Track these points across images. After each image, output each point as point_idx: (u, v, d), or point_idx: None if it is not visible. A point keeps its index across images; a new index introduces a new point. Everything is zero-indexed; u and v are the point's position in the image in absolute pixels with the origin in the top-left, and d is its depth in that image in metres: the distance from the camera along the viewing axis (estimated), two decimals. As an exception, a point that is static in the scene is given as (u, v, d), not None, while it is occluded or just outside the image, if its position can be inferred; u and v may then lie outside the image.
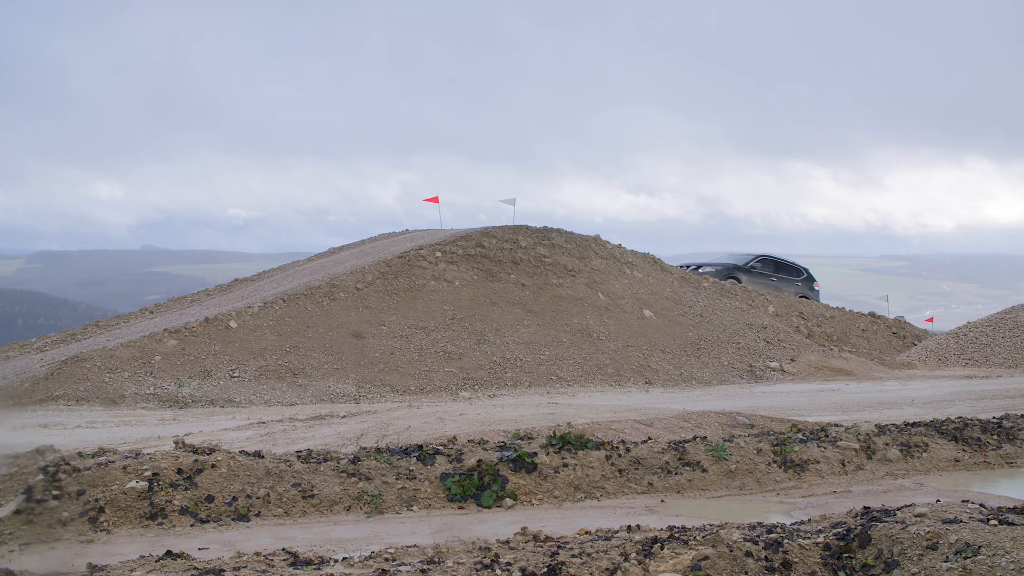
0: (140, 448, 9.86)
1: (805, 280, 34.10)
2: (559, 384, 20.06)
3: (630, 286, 25.20)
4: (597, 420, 11.70)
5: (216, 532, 7.72)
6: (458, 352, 20.87)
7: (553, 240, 25.73)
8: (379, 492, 8.52)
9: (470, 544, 6.67)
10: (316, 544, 7.25)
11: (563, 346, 21.79)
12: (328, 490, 8.45)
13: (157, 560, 6.47)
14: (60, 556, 7.03)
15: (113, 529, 7.71)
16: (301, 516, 8.18)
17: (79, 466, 8.28)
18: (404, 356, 20.51)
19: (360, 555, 6.63)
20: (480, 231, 25.81)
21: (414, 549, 6.64)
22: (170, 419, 15.60)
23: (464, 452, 9.19)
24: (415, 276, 23.48)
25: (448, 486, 8.71)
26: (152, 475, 8.18)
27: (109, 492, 7.99)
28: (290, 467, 8.64)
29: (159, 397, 17.72)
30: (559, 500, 8.83)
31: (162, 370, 19.05)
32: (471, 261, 24.28)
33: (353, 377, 19.46)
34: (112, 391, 17.77)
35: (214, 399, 17.80)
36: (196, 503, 8.07)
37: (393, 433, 11.05)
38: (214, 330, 20.73)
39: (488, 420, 11.93)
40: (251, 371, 19.33)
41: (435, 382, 19.60)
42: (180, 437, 9.89)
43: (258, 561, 6.37)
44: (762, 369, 22.56)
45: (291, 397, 18.29)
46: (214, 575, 5.92)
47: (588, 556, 5.95)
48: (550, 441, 9.59)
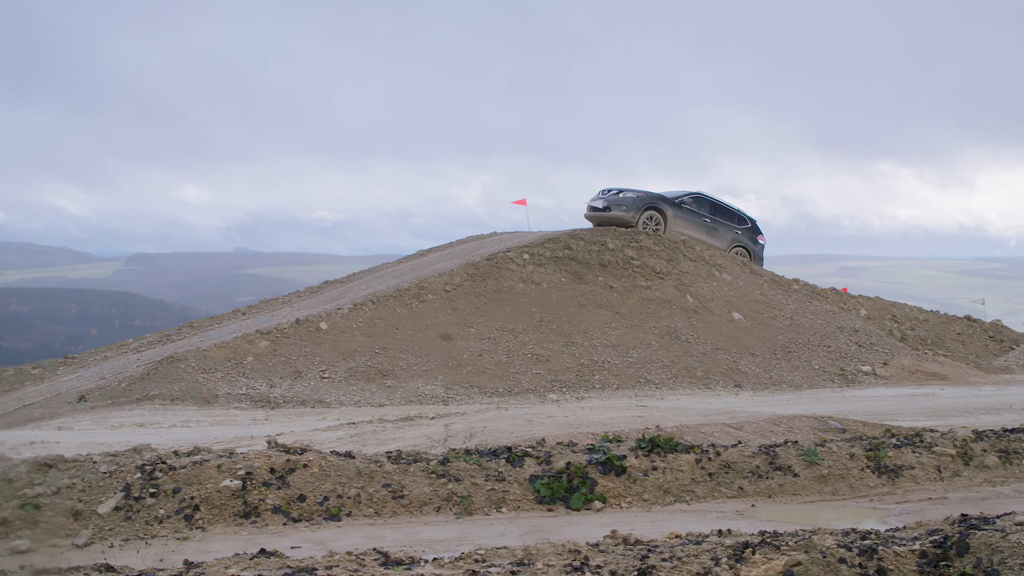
0: (234, 447, 9.99)
1: (748, 230, 29.75)
2: (647, 387, 19.96)
3: (719, 288, 25.00)
4: (686, 423, 11.62)
5: (308, 531, 7.80)
6: (546, 354, 20.87)
7: (641, 242, 25.61)
8: (468, 493, 8.55)
9: (559, 546, 6.67)
10: (406, 544, 7.29)
11: (651, 348, 21.68)
12: (418, 491, 8.49)
13: (251, 558, 6.56)
14: (157, 552, 7.16)
15: (208, 527, 7.83)
16: (391, 516, 8.23)
17: (175, 464, 8.43)
18: (492, 358, 20.56)
19: (450, 556, 6.66)
20: (568, 233, 25.78)
21: (503, 551, 6.65)
22: (262, 419, 15.80)
23: (553, 454, 9.19)
24: (503, 278, 23.52)
25: (537, 488, 8.71)
26: (246, 474, 8.29)
27: (204, 490, 8.12)
28: (380, 467, 8.70)
29: (251, 397, 17.96)
30: (648, 503, 8.79)
31: (254, 371, 19.32)
32: (559, 263, 24.27)
33: (441, 379, 19.55)
34: (206, 391, 18.05)
35: (305, 400, 18.00)
36: (288, 502, 8.16)
37: (482, 435, 11.08)
38: (305, 331, 20.96)
39: (576, 422, 11.91)
40: (341, 372, 19.51)
41: (523, 384, 19.61)
42: (272, 437, 10.02)
43: (350, 560, 6.43)
44: (854, 373, 22.22)
45: (380, 398, 18.43)
46: (307, 573, 5.99)
47: (678, 560, 5.92)
48: (639, 444, 9.55)
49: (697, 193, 28.98)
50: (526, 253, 24.46)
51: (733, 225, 29.27)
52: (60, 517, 7.79)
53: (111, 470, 8.38)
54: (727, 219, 29.25)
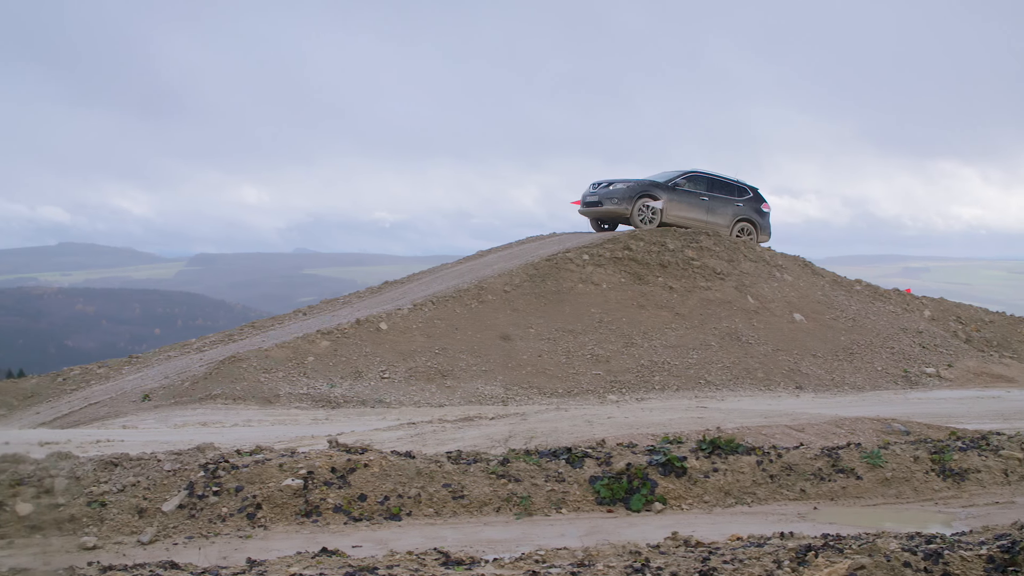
0: (295, 447, 10.07)
1: (749, 201, 28.59)
2: (707, 388, 19.86)
3: (780, 289, 24.82)
4: (747, 425, 11.55)
5: (369, 530, 7.84)
6: (605, 355, 20.84)
7: (701, 243, 25.50)
8: (528, 494, 8.55)
9: (620, 547, 6.65)
10: (466, 544, 7.31)
11: (711, 350, 21.57)
12: (478, 491, 8.51)
13: (313, 557, 6.61)
14: (220, 550, 7.23)
15: (270, 525, 7.89)
16: (451, 516, 8.25)
17: (237, 463, 8.50)
18: (551, 359, 20.56)
19: (510, 556, 6.66)
20: (627, 234, 25.72)
21: (564, 551, 6.64)
22: (323, 419, 15.90)
23: (613, 455, 9.17)
24: (562, 279, 23.52)
25: (597, 489, 8.70)
26: (307, 473, 8.35)
27: (266, 489, 8.18)
28: (440, 468, 8.73)
29: (312, 397, 18.09)
30: (709, 505, 8.74)
31: (315, 370, 19.45)
32: (618, 264, 24.22)
33: (501, 379, 19.58)
34: (267, 390, 18.21)
35: (365, 399, 18.10)
36: (349, 501, 8.21)
37: (541, 435, 11.07)
38: (365, 332, 21.08)
39: (636, 423, 11.87)
40: (401, 372, 19.60)
41: (582, 385, 19.60)
42: (333, 436, 10.07)
43: (410, 560, 6.45)
44: (917, 375, 21.97)
45: (440, 398, 18.49)
46: (368, 572, 6.02)
47: (740, 562, 5.88)
48: (700, 445, 9.50)
49: (691, 171, 27.98)
50: (586, 254, 24.43)
51: (733, 199, 28.26)
52: (125, 514, 7.88)
53: (175, 468, 8.47)
54: (726, 193, 28.24)
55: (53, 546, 7.45)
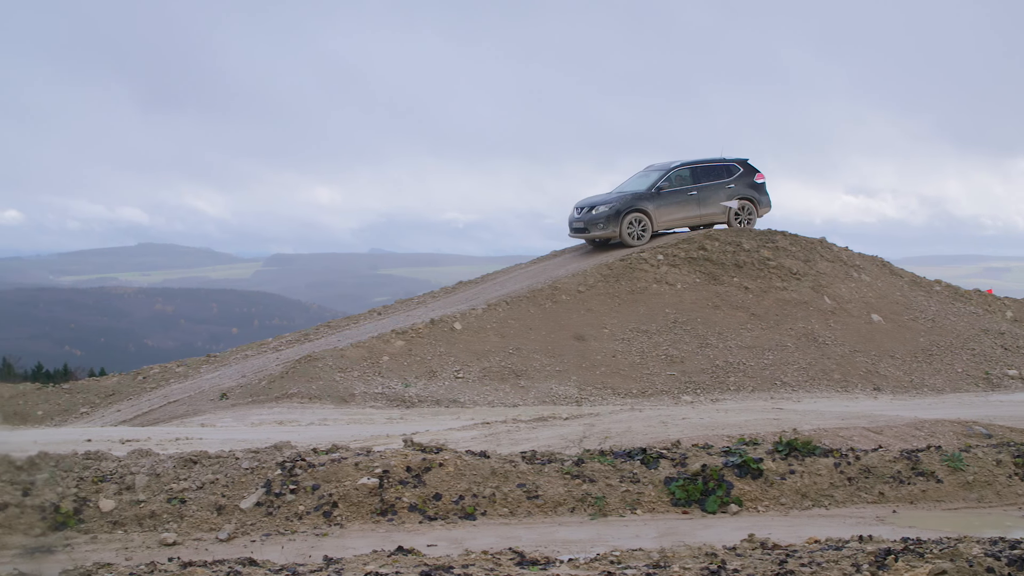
0: (370, 446, 10.14)
1: (741, 177, 26.69)
2: (783, 389, 19.68)
3: (857, 290, 24.50)
4: (824, 426, 11.42)
5: (444, 529, 7.87)
6: (680, 355, 20.73)
7: (777, 243, 25.25)
8: (603, 494, 8.53)
9: (695, 549, 6.61)
10: (541, 544, 7.31)
11: (787, 350, 21.36)
12: (552, 491, 8.50)
13: (389, 555, 6.65)
14: (297, 548, 7.30)
15: (346, 523, 7.95)
16: (526, 516, 8.26)
17: (314, 462, 8.58)
18: (626, 359, 20.50)
19: (585, 557, 6.65)
20: (702, 234, 25.54)
21: (639, 552, 6.62)
22: (397, 418, 15.99)
23: (688, 456, 9.11)
24: (637, 279, 23.43)
25: (672, 490, 8.65)
26: (383, 472, 8.40)
27: (342, 488, 8.24)
28: (515, 467, 8.74)
29: (387, 396, 18.21)
30: (785, 507, 8.65)
31: (390, 370, 19.58)
32: (693, 264, 24.07)
33: (575, 379, 19.57)
34: (343, 390, 18.36)
35: (439, 399, 18.18)
36: (424, 500, 8.24)
37: (615, 436, 11.04)
38: (439, 331, 21.17)
39: (711, 424, 11.79)
40: (475, 372, 19.66)
41: (656, 385, 19.52)
42: (408, 436, 10.13)
43: (486, 559, 6.47)
44: (999, 377, 21.58)
45: (514, 398, 18.52)
46: (444, 571, 6.04)
47: (818, 566, 5.82)
48: (776, 447, 9.41)
49: (672, 168, 26.33)
50: (660, 254, 24.32)
51: (722, 181, 26.54)
52: (204, 511, 7.99)
53: (253, 466, 8.57)
54: (714, 177, 26.54)
55: (134, 542, 7.58)
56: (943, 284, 27.32)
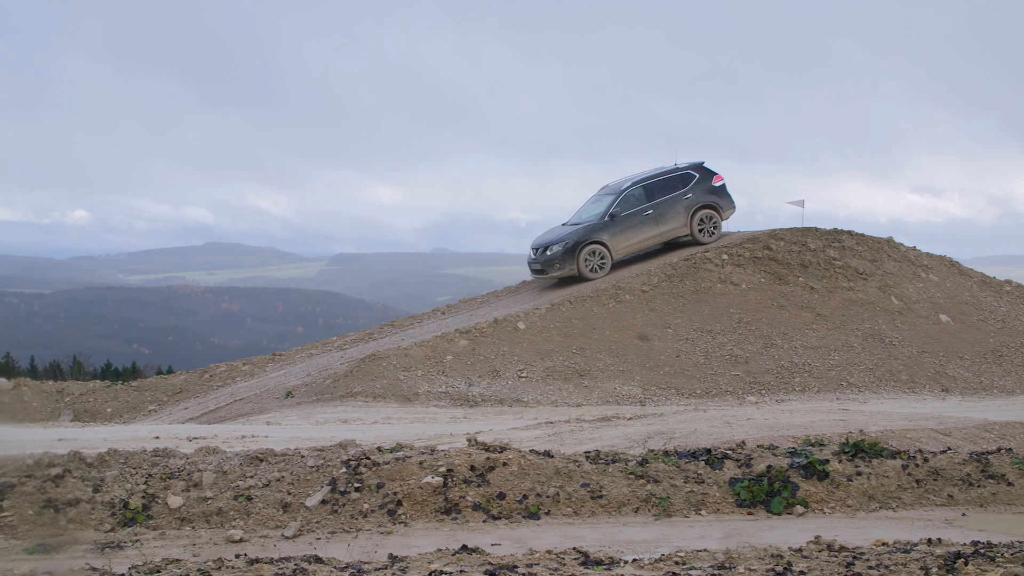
0: (434, 445, 10.18)
1: (698, 183, 25.06)
2: (849, 390, 19.48)
3: (925, 290, 24.18)
4: (891, 428, 11.29)
5: (507, 529, 7.88)
6: (744, 356, 20.60)
7: (843, 242, 24.98)
8: (667, 495, 8.50)
9: (761, 550, 6.56)
10: (605, 544, 7.29)
11: (853, 351, 21.14)
12: (616, 491, 8.48)
13: (453, 554, 6.67)
14: (362, 546, 7.34)
15: (410, 522, 7.99)
16: (590, 516, 8.24)
17: (378, 460, 8.63)
18: (690, 359, 20.41)
19: (650, 557, 6.62)
20: (767, 233, 25.33)
21: (704, 553, 6.59)
22: (461, 417, 16.04)
23: (753, 457, 9.05)
24: (701, 279, 23.30)
25: (737, 491, 8.60)
26: (447, 471, 8.43)
27: (406, 486, 8.28)
28: (579, 467, 8.73)
29: (450, 395, 18.27)
30: (852, 509, 8.56)
31: (453, 369, 19.64)
32: (758, 264, 23.89)
33: (638, 379, 19.51)
34: (407, 388, 18.45)
35: (503, 398, 18.21)
36: (488, 500, 8.26)
37: (680, 436, 11.00)
38: (503, 331, 21.20)
39: (776, 425, 11.70)
40: (538, 371, 19.66)
41: (721, 386, 19.41)
42: (472, 435, 10.15)
43: (550, 559, 6.47)
44: (1071, 378, 21.21)
45: (577, 398, 18.50)
46: (508, 571, 6.04)
47: (886, 568, 5.76)
48: (842, 448, 9.32)
49: (624, 190, 24.76)
50: (725, 253, 24.17)
51: (679, 193, 24.87)
52: (270, 508, 8.06)
53: (318, 464, 8.63)
54: (670, 190, 24.87)
55: (202, 538, 7.67)
56: (1013, 284, 26.86)
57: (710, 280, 23.29)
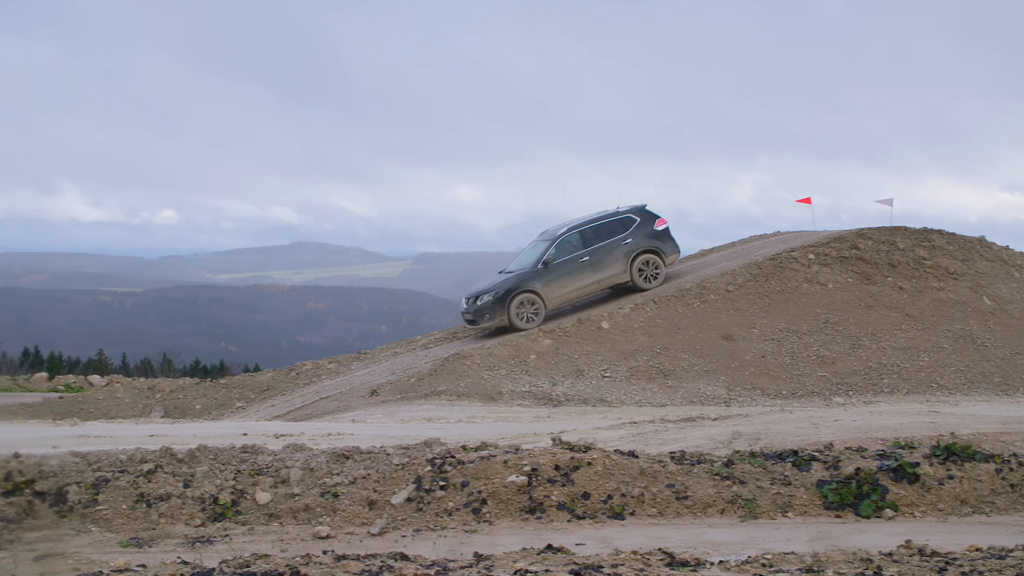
0: (518, 444, 10.18)
1: (638, 228, 23.81)
2: (939, 392, 19.13)
3: (1019, 290, 23.67)
4: (984, 431, 11.06)
5: (592, 528, 7.85)
6: (831, 356, 20.33)
7: (933, 241, 24.56)
8: (753, 496, 8.41)
9: (850, 554, 6.47)
10: (690, 545, 7.24)
11: (944, 352, 20.76)
12: (702, 492, 8.42)
13: (538, 553, 6.66)
14: (447, 543, 7.37)
15: (495, 520, 8.00)
16: (675, 517, 8.19)
17: (463, 459, 8.65)
18: (775, 359, 20.20)
19: (736, 559, 6.56)
20: (855, 232, 25.00)
21: (791, 556, 6.51)
22: (544, 416, 16.03)
23: (841, 459, 8.92)
24: (787, 278, 23.06)
25: (825, 493, 8.49)
26: (531, 470, 8.43)
27: (491, 485, 8.30)
28: (664, 468, 8.68)
29: (534, 394, 18.27)
30: (943, 513, 8.40)
31: (537, 368, 19.65)
32: (845, 263, 23.58)
33: (723, 380, 19.35)
34: (490, 388, 18.49)
35: (586, 398, 18.17)
36: (573, 499, 8.24)
37: (765, 437, 10.89)
38: (586, 330, 21.17)
39: (864, 427, 11.53)
40: (622, 371, 19.60)
41: (807, 387, 19.17)
42: (556, 434, 10.14)
43: (635, 559, 6.43)
44: None
45: (661, 398, 18.40)
46: (593, 571, 6.03)
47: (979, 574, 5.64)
48: (933, 451, 9.15)
49: (559, 236, 23.58)
50: (811, 253, 23.89)
51: (618, 238, 23.68)
52: (356, 506, 8.13)
53: (403, 463, 8.68)
54: (608, 235, 23.69)
55: (289, 534, 7.75)
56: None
57: (796, 280, 23.04)
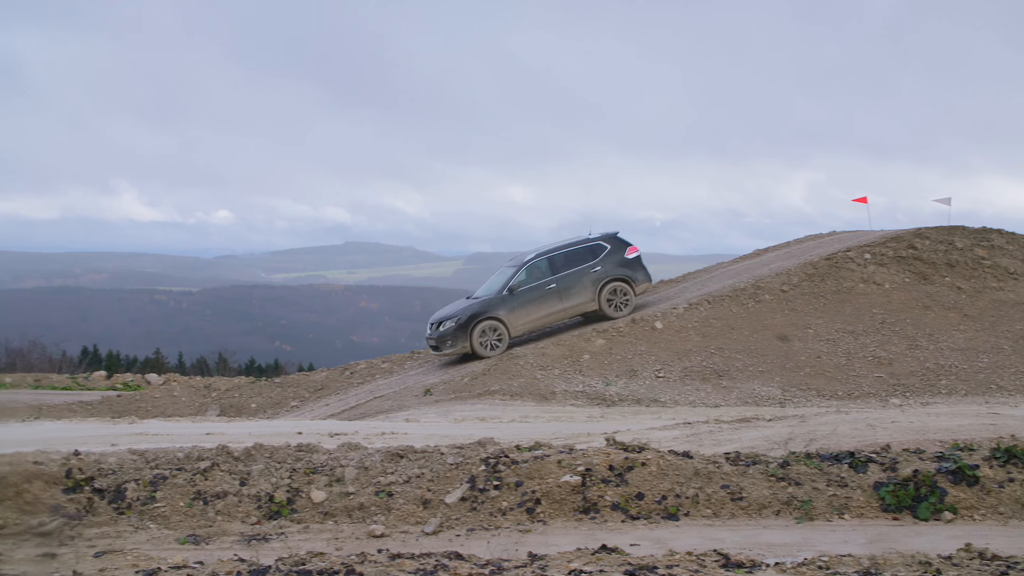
0: (572, 443, 10.17)
1: (608, 255, 23.15)
2: (999, 393, 18.87)
3: (1081, 290, 23.34)
4: (1045, 433, 10.91)
5: (646, 529, 7.82)
6: (888, 357, 20.14)
7: (993, 241, 24.26)
8: (809, 498, 8.34)
9: (908, 557, 6.40)
10: (745, 547, 7.19)
11: (1004, 353, 20.49)
12: (757, 493, 8.36)
13: (592, 553, 6.65)
14: (501, 543, 7.37)
15: (548, 520, 7.99)
16: (729, 518, 8.14)
17: (517, 459, 8.65)
18: (831, 360, 20.03)
19: (792, 561, 6.52)
20: (912, 232, 24.76)
21: (848, 558, 6.45)
22: (598, 416, 16.01)
23: (899, 461, 8.83)
24: (842, 278, 22.88)
25: (882, 495, 8.40)
26: (585, 470, 8.41)
27: (545, 485, 8.29)
28: (718, 468, 8.63)
29: (587, 394, 18.25)
30: (1004, 517, 8.28)
31: (590, 368, 19.63)
32: (902, 263, 23.35)
33: (778, 380, 19.23)
34: (543, 387, 18.50)
35: (640, 398, 18.13)
36: (627, 499, 8.21)
37: (821, 438, 10.79)
38: (640, 330, 21.12)
39: (922, 429, 11.40)
40: (676, 371, 19.53)
41: (863, 387, 19.00)
42: (610, 434, 10.12)
43: (690, 560, 6.41)
44: None
45: (715, 398, 18.31)
46: (648, 571, 6.01)
47: (1041, 578, 5.57)
48: (993, 454, 9.02)
49: (526, 262, 23.08)
50: (867, 253, 23.69)
51: (586, 265, 22.99)
52: (410, 504, 8.15)
53: (457, 462, 8.70)
54: (577, 262, 23.02)
55: (344, 532, 7.79)
56: None
57: (852, 280, 22.86)
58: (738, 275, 24.85)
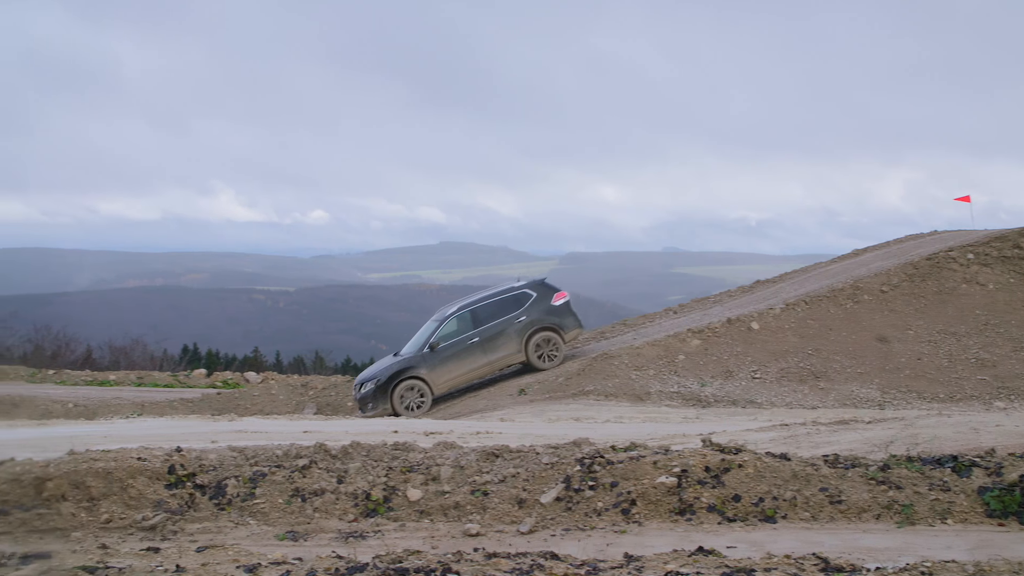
0: (668, 444, 10.11)
1: (535, 303, 22.12)
2: (1108, 397, 18.39)
3: None
4: None
5: (743, 531, 7.74)
6: (992, 359, 19.70)
7: (1101, 240, 23.63)
8: (910, 502, 8.19)
9: (1015, 564, 6.24)
10: (845, 551, 7.08)
11: (1113, 356, 19.95)
12: (856, 496, 8.23)
13: (689, 555, 6.60)
14: (596, 544, 7.35)
15: (644, 521, 7.94)
16: (828, 521, 8.02)
17: (612, 459, 8.62)
18: (932, 362, 19.66)
19: (893, 566, 6.40)
20: (1017, 231, 24.19)
21: (952, 564, 6.31)
22: (693, 417, 15.90)
23: (1004, 465, 8.62)
24: (944, 279, 22.44)
25: (987, 500, 8.21)
26: (681, 471, 8.35)
27: (640, 486, 8.24)
28: (817, 471, 8.51)
29: (682, 395, 18.14)
30: (1114, 524, 8.06)
31: (685, 369, 19.50)
32: (1007, 263, 22.83)
33: (877, 382, 18.93)
34: (638, 388, 18.42)
35: (735, 399, 17.97)
36: (723, 501, 8.14)
37: (923, 442, 10.60)
38: (736, 331, 20.93)
39: (1027, 433, 11.15)
40: (772, 372, 19.33)
41: (966, 390, 18.62)
42: (706, 435, 10.04)
43: (788, 564, 6.33)
44: None
45: (813, 400, 18.09)
46: (745, 574, 5.95)
47: None
48: (1102, 459, 8.79)
49: (448, 317, 22.27)
50: (970, 252, 23.20)
51: (511, 316, 21.97)
52: (505, 504, 8.16)
53: (552, 462, 8.69)
54: (501, 313, 22.05)
55: (439, 531, 7.83)
56: None
57: (954, 280, 22.41)
58: (836, 275, 24.52)
